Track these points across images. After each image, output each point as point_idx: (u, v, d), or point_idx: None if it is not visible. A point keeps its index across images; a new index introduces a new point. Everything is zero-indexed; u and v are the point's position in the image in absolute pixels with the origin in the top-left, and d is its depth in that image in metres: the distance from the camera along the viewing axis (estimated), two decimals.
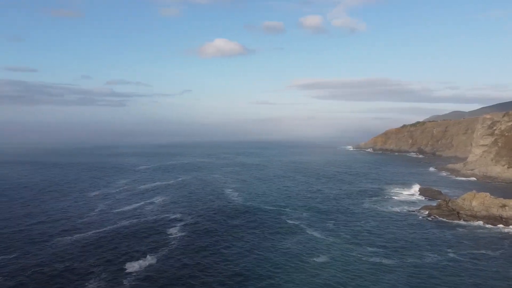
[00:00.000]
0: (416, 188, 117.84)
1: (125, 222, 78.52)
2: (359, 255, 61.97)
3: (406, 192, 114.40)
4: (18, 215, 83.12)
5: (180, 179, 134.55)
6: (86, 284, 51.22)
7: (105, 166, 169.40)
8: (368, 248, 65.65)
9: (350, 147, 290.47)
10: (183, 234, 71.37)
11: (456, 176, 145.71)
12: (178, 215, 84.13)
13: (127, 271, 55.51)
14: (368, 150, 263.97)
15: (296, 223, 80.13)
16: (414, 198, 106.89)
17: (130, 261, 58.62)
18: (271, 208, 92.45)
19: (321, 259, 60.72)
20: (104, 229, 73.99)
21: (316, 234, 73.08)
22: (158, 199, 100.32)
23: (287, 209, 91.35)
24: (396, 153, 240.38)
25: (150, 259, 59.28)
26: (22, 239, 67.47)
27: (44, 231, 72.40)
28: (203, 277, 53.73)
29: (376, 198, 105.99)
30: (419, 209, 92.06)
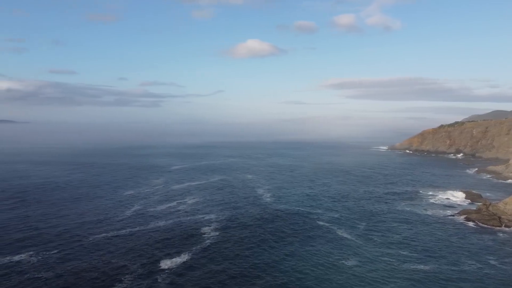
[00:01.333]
0: (454, 191, 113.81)
1: (159, 221, 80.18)
2: (391, 260, 60.49)
3: (443, 195, 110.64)
4: (57, 213, 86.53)
5: (213, 179, 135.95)
6: (123, 279, 52.93)
7: (140, 166, 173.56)
8: (400, 252, 63.98)
9: (384, 148, 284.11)
10: (216, 234, 72.10)
11: (498, 179, 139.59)
12: (211, 216, 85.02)
13: (161, 268, 56.91)
14: (403, 151, 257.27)
15: (327, 224, 79.31)
16: (451, 201, 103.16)
17: (165, 258, 60.03)
18: (303, 209, 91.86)
19: (351, 262, 59.85)
20: (139, 227, 75.85)
21: (347, 236, 72.04)
22: (191, 199, 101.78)
23: (319, 211, 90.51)
24: (433, 154, 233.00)
25: (184, 257, 60.46)
26: (61, 236, 70.18)
27: (82, 228, 75.03)
28: (235, 276, 54.11)
29: (411, 201, 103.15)
30: (457, 213, 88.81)
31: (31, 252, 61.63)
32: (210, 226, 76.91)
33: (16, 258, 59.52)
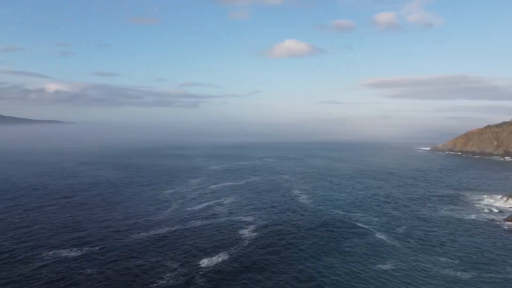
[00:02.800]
0: (500, 195, 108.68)
1: (196, 221, 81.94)
2: (429, 266, 58.90)
3: (488, 199, 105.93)
4: (100, 211, 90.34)
5: (249, 180, 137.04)
6: (163, 276, 54.71)
7: (179, 165, 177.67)
8: (440, 258, 62.06)
9: (425, 149, 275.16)
10: (253, 235, 72.73)
11: None
12: (248, 216, 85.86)
13: (200, 266, 58.30)
14: (447, 152, 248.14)
15: (365, 227, 78.22)
16: (497, 206, 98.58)
17: (204, 257, 61.45)
18: (340, 211, 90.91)
19: (387, 266, 58.83)
20: (178, 226, 77.89)
21: (385, 239, 70.83)
22: (228, 200, 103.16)
23: (358, 213, 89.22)
24: (478, 156, 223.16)
25: (222, 257, 61.53)
26: (104, 234, 73.27)
27: (123, 227, 77.98)
28: (273, 276, 54.55)
29: (453, 204, 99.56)
30: (504, 219, 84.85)
31: (76, 248, 64.81)
32: (247, 227, 77.67)
33: (63, 253, 62.79)
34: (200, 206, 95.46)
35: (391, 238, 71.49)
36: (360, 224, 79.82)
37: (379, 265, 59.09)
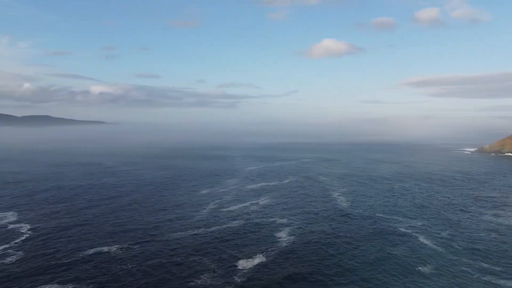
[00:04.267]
0: None
1: (233, 222, 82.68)
2: (471, 271, 56.69)
3: None
4: (140, 210, 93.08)
5: (286, 180, 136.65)
6: (201, 276, 55.65)
7: (216, 165, 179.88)
8: (482, 264, 59.26)
9: (471, 150, 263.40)
10: (291, 238, 72.14)
11: None
12: (284, 218, 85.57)
13: (238, 267, 58.73)
14: (494, 153, 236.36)
15: (406, 231, 75.81)
16: None
17: (241, 259, 61.81)
18: (380, 215, 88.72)
19: (427, 269, 57.18)
20: (214, 227, 78.93)
21: (426, 243, 68.65)
22: (265, 201, 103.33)
23: (398, 217, 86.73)
24: None
25: (259, 259, 61.64)
26: (144, 232, 75.48)
27: (162, 225, 80.00)
28: (312, 280, 54.12)
29: (500, 210, 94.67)
30: None
31: (117, 245, 67.18)
32: (283, 230, 77.40)
33: (105, 249, 65.29)
34: (236, 207, 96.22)
35: (433, 242, 69.07)
36: (402, 228, 77.55)
37: (419, 268, 57.68)
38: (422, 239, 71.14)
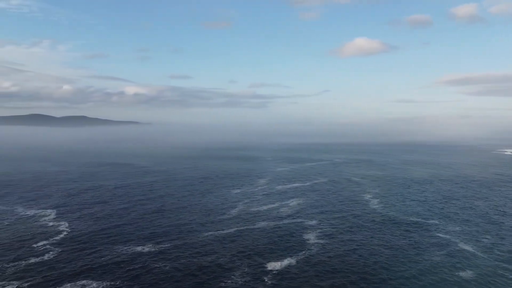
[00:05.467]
0: None
1: (262, 222, 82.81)
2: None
3: None
4: (172, 210, 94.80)
5: (317, 181, 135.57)
6: (232, 276, 56.08)
7: (247, 165, 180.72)
8: None
9: (511, 151, 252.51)
10: (320, 241, 71.24)
11: None
12: (314, 220, 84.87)
13: (267, 269, 58.74)
14: None
15: (446, 236, 73.06)
16: None
17: (270, 260, 61.77)
18: (415, 218, 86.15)
19: (467, 274, 55.40)
20: (244, 227, 79.32)
21: (466, 248, 66.36)
22: (294, 202, 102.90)
23: (435, 220, 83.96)
24: None
25: (289, 261, 61.36)
26: (176, 230, 76.82)
27: (193, 224, 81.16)
28: (341, 285, 53.53)
29: None
30: None
31: (150, 245, 68.70)
32: (313, 232, 76.76)
33: (139, 248, 66.92)
34: (266, 207, 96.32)
35: (473, 248, 66.61)
36: (439, 233, 74.91)
37: (458, 273, 56.14)
38: (460, 244, 68.71)
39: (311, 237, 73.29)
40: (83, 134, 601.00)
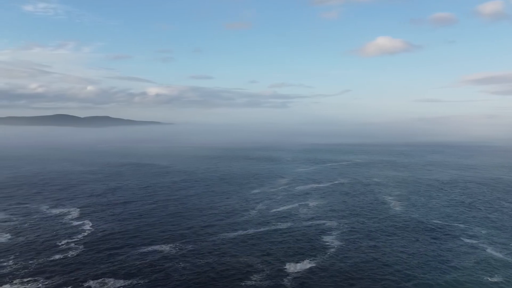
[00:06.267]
0: None
1: (281, 223, 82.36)
2: None
3: None
4: (192, 209, 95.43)
5: (337, 182, 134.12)
6: (251, 277, 56.07)
7: (267, 166, 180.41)
8: None
9: None
10: (340, 243, 70.24)
11: None
12: (333, 222, 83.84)
13: (287, 270, 58.38)
14: None
15: (474, 241, 70.59)
16: None
17: (289, 262, 61.38)
18: (440, 221, 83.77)
19: (496, 278, 53.87)
20: (263, 228, 79.06)
21: (494, 254, 64.14)
22: (314, 202, 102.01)
23: (460, 224, 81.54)
24: None
25: (308, 263, 60.83)
26: (196, 232, 77.23)
27: (213, 225, 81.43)
28: None
29: None
30: None
31: (170, 244, 69.31)
32: (333, 234, 75.77)
33: (159, 247, 67.59)
34: (285, 208, 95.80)
35: (503, 253, 64.43)
36: (465, 239, 72.63)
37: (487, 277, 54.64)
38: (489, 250, 66.51)
39: (330, 239, 72.35)
40: (106, 134, 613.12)
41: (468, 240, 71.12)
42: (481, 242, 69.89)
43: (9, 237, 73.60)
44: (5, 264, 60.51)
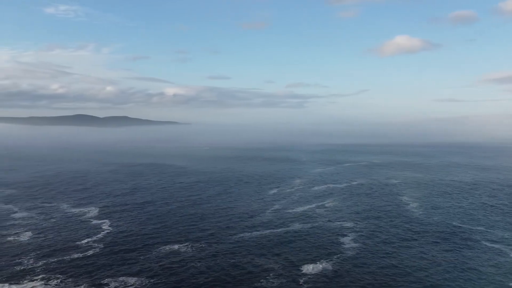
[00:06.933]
0: None
1: (298, 224, 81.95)
2: None
3: None
4: (208, 210, 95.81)
5: (354, 183, 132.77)
6: (266, 277, 55.96)
7: (284, 166, 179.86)
8: None
9: None
10: (356, 244, 69.45)
11: None
12: (350, 223, 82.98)
13: (303, 272, 58.08)
14: None
15: (496, 246, 68.60)
16: None
17: (305, 263, 61.01)
18: (459, 224, 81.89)
19: None
20: (279, 228, 78.81)
21: None
22: (330, 203, 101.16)
23: (481, 227, 79.59)
24: None
25: (324, 265, 60.37)
26: (211, 231, 77.51)
27: (229, 225, 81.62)
28: None
29: None
30: None
31: (187, 244, 69.73)
32: (349, 235, 74.94)
33: (176, 247, 68.11)
34: (301, 208, 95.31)
35: None
36: (487, 242, 70.68)
37: (510, 283, 53.32)
38: (510, 252, 64.94)
39: (347, 240, 71.66)
40: (125, 134, 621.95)
41: (491, 245, 69.38)
42: (504, 247, 68.12)
43: (31, 235, 75.33)
44: (25, 262, 61.92)
